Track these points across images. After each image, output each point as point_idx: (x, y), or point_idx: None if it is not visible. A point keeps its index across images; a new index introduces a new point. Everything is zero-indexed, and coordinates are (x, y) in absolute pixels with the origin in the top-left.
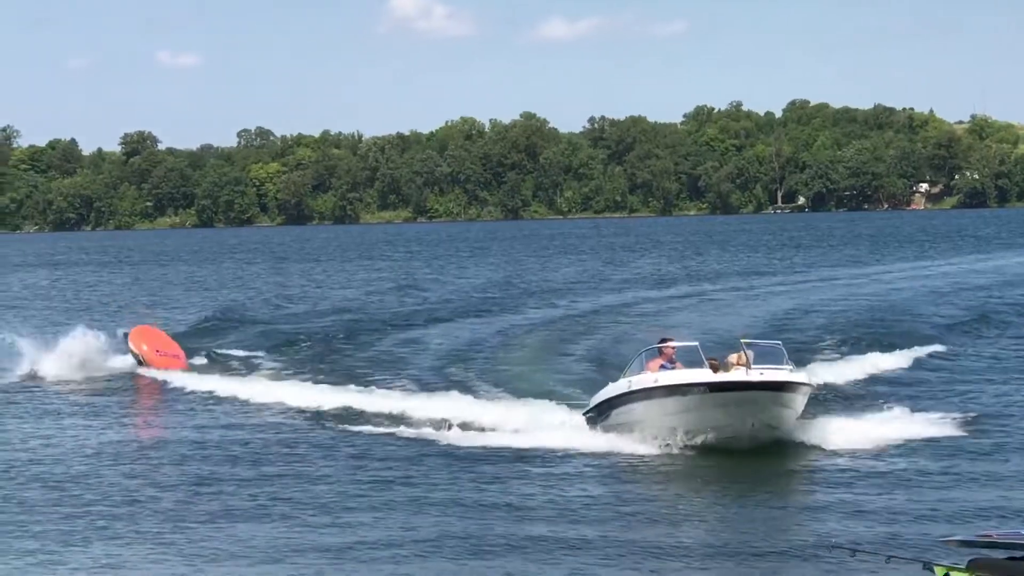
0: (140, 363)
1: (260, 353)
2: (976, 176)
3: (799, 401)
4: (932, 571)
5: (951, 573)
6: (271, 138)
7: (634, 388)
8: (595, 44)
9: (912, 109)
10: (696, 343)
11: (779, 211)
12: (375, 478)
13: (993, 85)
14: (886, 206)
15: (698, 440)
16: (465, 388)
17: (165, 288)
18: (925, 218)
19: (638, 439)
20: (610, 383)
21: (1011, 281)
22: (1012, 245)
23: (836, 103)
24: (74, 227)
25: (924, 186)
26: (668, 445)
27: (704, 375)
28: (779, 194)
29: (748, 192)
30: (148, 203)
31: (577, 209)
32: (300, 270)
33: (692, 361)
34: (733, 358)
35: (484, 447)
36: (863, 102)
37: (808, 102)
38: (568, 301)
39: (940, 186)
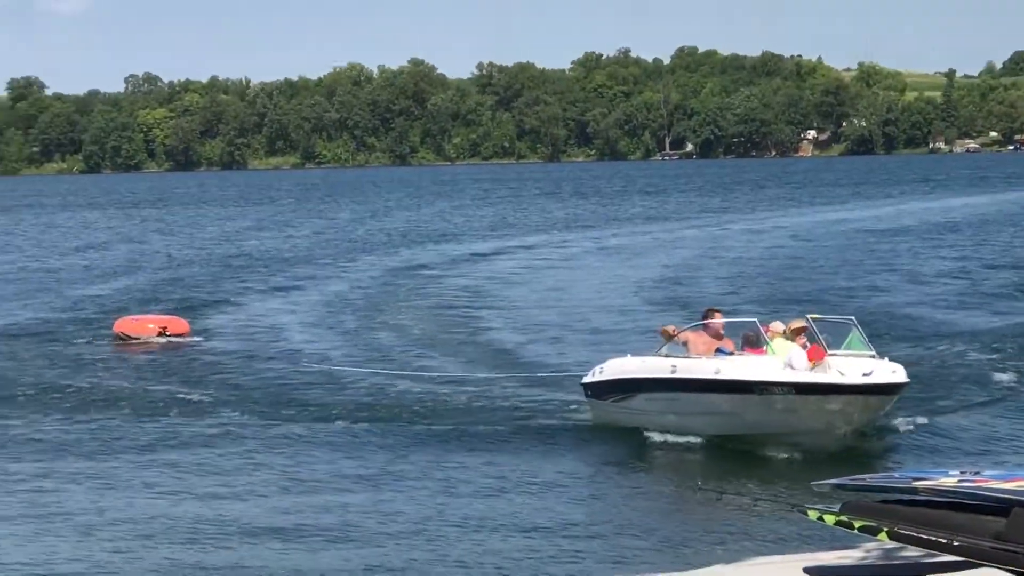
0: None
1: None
2: (863, 123)
3: (894, 402)
4: (805, 514)
5: (824, 516)
6: (159, 84)
7: (682, 375)
8: None
9: (800, 56)
10: (755, 319)
11: (667, 158)
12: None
13: (881, 33)
14: (774, 153)
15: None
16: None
17: None
18: (825, 166)
19: (673, 428)
20: (629, 355)
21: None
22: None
23: (724, 50)
24: None
25: (812, 133)
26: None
27: (784, 371)
28: (667, 141)
29: (636, 139)
30: (35, 149)
31: (465, 155)
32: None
33: (744, 339)
34: (777, 327)
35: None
36: (751, 49)
37: (696, 49)
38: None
39: (828, 133)
